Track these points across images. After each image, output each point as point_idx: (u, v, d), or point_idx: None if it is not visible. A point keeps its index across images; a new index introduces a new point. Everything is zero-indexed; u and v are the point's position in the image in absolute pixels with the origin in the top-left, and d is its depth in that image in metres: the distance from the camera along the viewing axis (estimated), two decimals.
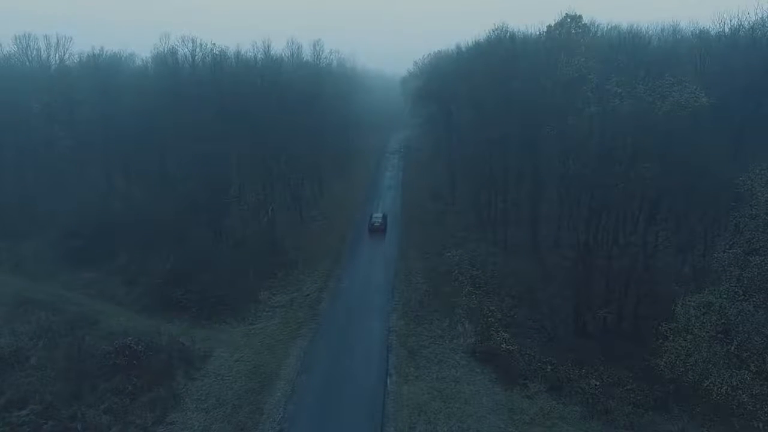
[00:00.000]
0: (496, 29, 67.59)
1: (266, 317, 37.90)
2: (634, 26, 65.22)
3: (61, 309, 37.18)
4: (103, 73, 64.50)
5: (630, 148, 42.49)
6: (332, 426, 25.51)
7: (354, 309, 38.23)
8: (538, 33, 66.03)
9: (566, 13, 58.69)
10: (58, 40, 69.37)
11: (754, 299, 24.76)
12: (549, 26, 61.07)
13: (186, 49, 67.61)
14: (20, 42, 68.22)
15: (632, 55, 53.47)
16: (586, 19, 59.99)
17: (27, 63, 69.27)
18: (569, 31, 57.25)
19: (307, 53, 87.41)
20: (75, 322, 34.60)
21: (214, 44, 67.88)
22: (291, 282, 43.56)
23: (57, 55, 70.03)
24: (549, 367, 30.67)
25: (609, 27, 68.24)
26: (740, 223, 28.13)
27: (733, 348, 24.55)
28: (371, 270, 45.58)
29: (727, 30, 56.82)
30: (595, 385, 29.15)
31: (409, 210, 62.77)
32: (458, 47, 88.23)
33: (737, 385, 23.79)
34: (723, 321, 25.14)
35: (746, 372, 23.98)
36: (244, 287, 40.79)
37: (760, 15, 55.83)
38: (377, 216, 56.21)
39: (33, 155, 57.73)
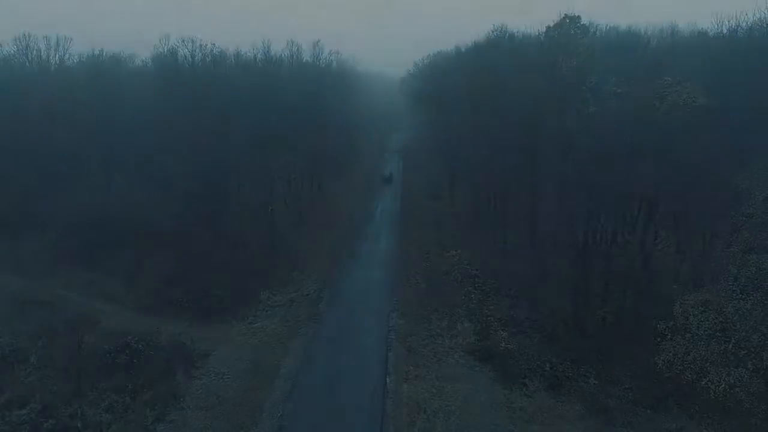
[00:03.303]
0: (495, 30, 67.91)
1: (266, 316, 37.99)
2: (633, 27, 65.48)
3: (61, 309, 37.30)
4: (102, 74, 64.69)
5: (629, 148, 42.60)
6: (332, 424, 25.60)
7: (353, 308, 38.32)
8: (537, 33, 66.23)
9: (565, 14, 58.82)
10: (57, 41, 69.60)
11: (752, 297, 24.82)
12: (548, 27, 61.23)
13: (186, 50, 67.89)
14: (20, 42, 68.39)
15: (631, 55, 53.67)
16: (584, 20, 60.12)
17: (27, 64, 69.41)
18: (568, 32, 57.37)
19: (306, 54, 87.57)
20: (75, 322, 34.67)
21: (214, 44, 68.21)
22: (291, 282, 43.65)
23: (57, 55, 70.26)
24: (548, 365, 30.78)
25: (608, 28, 68.48)
26: (738, 222, 28.26)
27: (730, 346, 24.62)
28: (370, 267, 45.77)
29: (725, 31, 57.10)
30: (594, 383, 29.27)
31: (408, 210, 62.90)
32: (457, 48, 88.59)
33: (735, 383, 23.84)
34: (721, 319, 25.21)
35: (744, 370, 24.02)
36: (244, 287, 40.88)
37: (758, 16, 56.04)
38: (386, 171, 79.07)
39: (33, 155, 57.79)
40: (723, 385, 24.01)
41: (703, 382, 24.63)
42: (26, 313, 36.04)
